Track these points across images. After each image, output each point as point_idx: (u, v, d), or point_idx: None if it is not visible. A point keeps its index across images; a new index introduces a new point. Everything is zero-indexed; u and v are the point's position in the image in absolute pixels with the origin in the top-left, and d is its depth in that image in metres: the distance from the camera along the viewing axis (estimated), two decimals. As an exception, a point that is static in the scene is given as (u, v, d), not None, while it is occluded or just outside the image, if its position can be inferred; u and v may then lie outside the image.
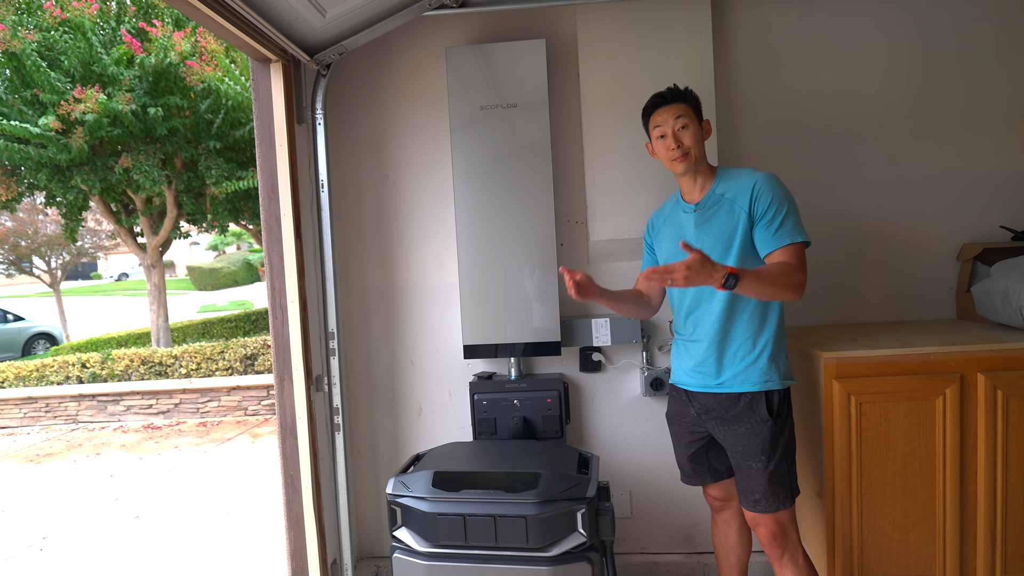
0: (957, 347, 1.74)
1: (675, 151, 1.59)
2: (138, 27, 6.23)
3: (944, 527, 1.76)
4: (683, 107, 1.61)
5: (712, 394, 1.63)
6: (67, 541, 3.18)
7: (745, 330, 1.58)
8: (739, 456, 1.61)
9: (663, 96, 1.63)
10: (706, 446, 1.74)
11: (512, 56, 2.14)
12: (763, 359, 1.58)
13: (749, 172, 1.59)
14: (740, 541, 1.80)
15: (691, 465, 1.77)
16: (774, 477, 1.57)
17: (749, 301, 1.57)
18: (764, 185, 1.53)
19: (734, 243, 1.56)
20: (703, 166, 1.63)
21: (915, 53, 2.16)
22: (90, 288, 26.41)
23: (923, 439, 1.75)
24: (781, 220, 1.52)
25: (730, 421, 1.60)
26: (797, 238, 1.51)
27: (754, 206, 1.54)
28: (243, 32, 1.77)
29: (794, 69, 2.20)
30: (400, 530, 1.73)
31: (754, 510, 1.60)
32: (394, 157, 2.34)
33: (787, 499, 1.59)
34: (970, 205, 2.17)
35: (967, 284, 2.13)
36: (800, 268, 1.49)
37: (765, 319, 1.59)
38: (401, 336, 2.37)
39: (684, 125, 1.60)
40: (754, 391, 1.57)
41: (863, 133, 2.19)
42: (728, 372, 1.60)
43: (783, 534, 1.60)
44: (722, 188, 1.61)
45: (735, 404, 1.59)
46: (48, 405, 6.23)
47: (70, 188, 6.60)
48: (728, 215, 1.58)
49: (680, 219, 1.68)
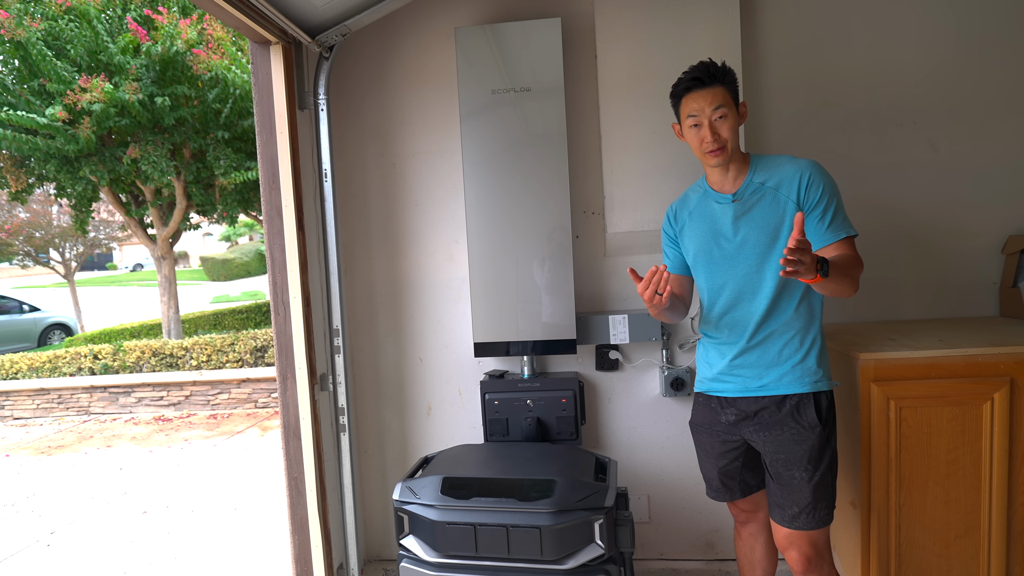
0: (1007, 348, 1.61)
1: (710, 143, 1.43)
2: (144, 15, 6.14)
3: (989, 541, 1.64)
4: (721, 92, 1.43)
5: (752, 398, 1.48)
6: (74, 537, 3.15)
7: (790, 328, 1.45)
8: (780, 465, 1.46)
9: (699, 78, 1.43)
10: (741, 459, 1.57)
11: (525, 37, 2.01)
12: (811, 358, 1.45)
13: (789, 159, 1.46)
14: (767, 555, 1.66)
15: (721, 479, 1.61)
16: (819, 490, 1.43)
17: (794, 296, 1.45)
18: (815, 174, 1.41)
19: (780, 235, 1.42)
20: (738, 154, 1.49)
21: (959, 30, 2.00)
22: (105, 279, 26.71)
23: (968, 447, 1.62)
24: (834, 212, 1.41)
25: (772, 427, 1.46)
26: (851, 231, 1.42)
27: (804, 196, 1.41)
28: (240, 11, 1.66)
29: (827, 48, 2.05)
30: (407, 538, 1.65)
31: (790, 526, 1.45)
32: (401, 145, 2.23)
33: (827, 516, 1.45)
34: (1017, 194, 2.02)
35: (1012, 279, 1.99)
36: (860, 262, 1.40)
37: (812, 315, 1.47)
38: (409, 333, 2.28)
39: (723, 115, 1.42)
40: (802, 392, 1.44)
41: (901, 117, 2.04)
42: (773, 374, 1.46)
43: (818, 558, 1.46)
44: (761, 176, 1.46)
45: (780, 408, 1.45)
46: (60, 397, 6.25)
47: (79, 179, 6.56)
48: (772, 205, 1.44)
49: (713, 210, 1.52)
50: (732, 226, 1.47)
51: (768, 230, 1.43)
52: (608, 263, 2.16)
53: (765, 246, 1.44)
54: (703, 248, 1.53)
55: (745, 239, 1.46)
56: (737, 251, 1.47)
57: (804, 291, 1.45)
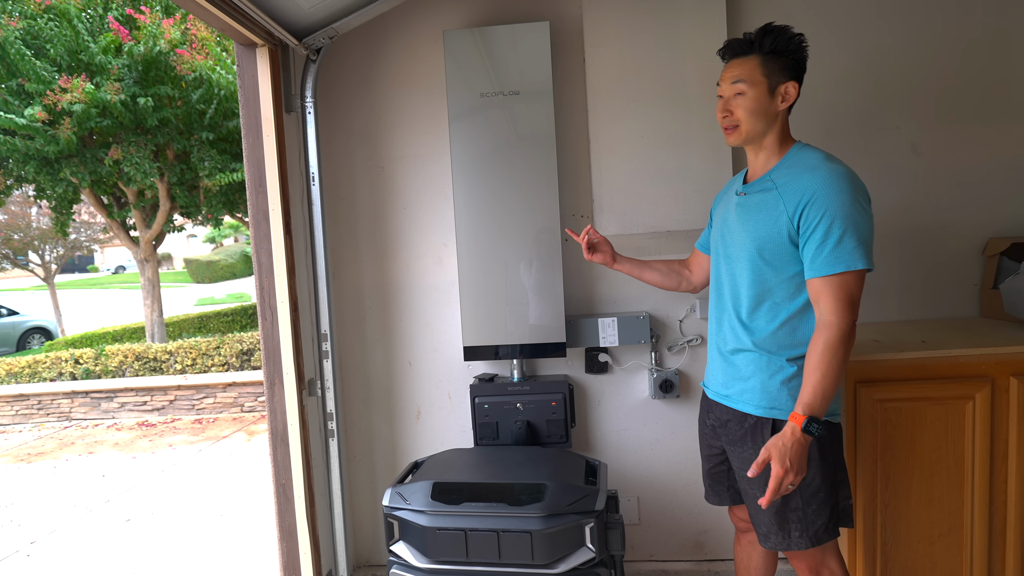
0: (988, 349, 1.64)
1: (722, 121, 1.34)
2: (126, 14, 6.05)
3: (972, 539, 1.67)
4: (751, 65, 1.29)
5: (723, 406, 1.43)
6: (55, 546, 3.09)
7: (765, 345, 1.34)
8: (745, 483, 1.39)
9: (726, 47, 1.34)
10: (725, 464, 1.52)
11: (514, 40, 2.01)
12: (776, 381, 1.33)
13: (813, 166, 1.26)
14: (764, 564, 1.63)
15: (708, 480, 1.59)
16: (783, 512, 1.32)
17: (776, 316, 1.33)
18: (820, 195, 1.22)
19: (766, 246, 1.30)
20: (769, 140, 1.34)
21: (941, 37, 2.04)
22: (86, 281, 26.25)
23: (951, 447, 1.65)
24: (837, 240, 1.21)
25: (736, 442, 1.39)
26: (853, 264, 1.20)
27: (799, 215, 1.25)
28: (225, 14, 1.64)
29: (813, 54, 2.03)
30: (397, 544, 1.64)
31: (764, 545, 1.38)
32: (389, 148, 2.21)
33: (802, 540, 1.32)
34: (997, 197, 2.06)
35: (993, 281, 2.02)
36: (840, 311, 1.21)
37: (794, 341, 1.33)
38: (398, 337, 2.27)
39: (740, 92, 1.30)
40: (759, 416, 1.35)
41: (884, 121, 2.07)
42: (737, 387, 1.39)
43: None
44: (779, 174, 1.31)
45: (741, 424, 1.38)
46: (41, 402, 6.12)
47: (59, 181, 6.44)
48: (770, 211, 1.30)
49: (730, 200, 1.43)
50: (734, 220, 1.39)
51: (756, 236, 1.32)
52: (597, 266, 2.16)
53: (748, 252, 1.34)
54: (715, 236, 1.49)
55: (737, 238, 1.38)
56: (732, 248, 1.40)
57: (791, 315, 1.32)
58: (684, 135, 2.02)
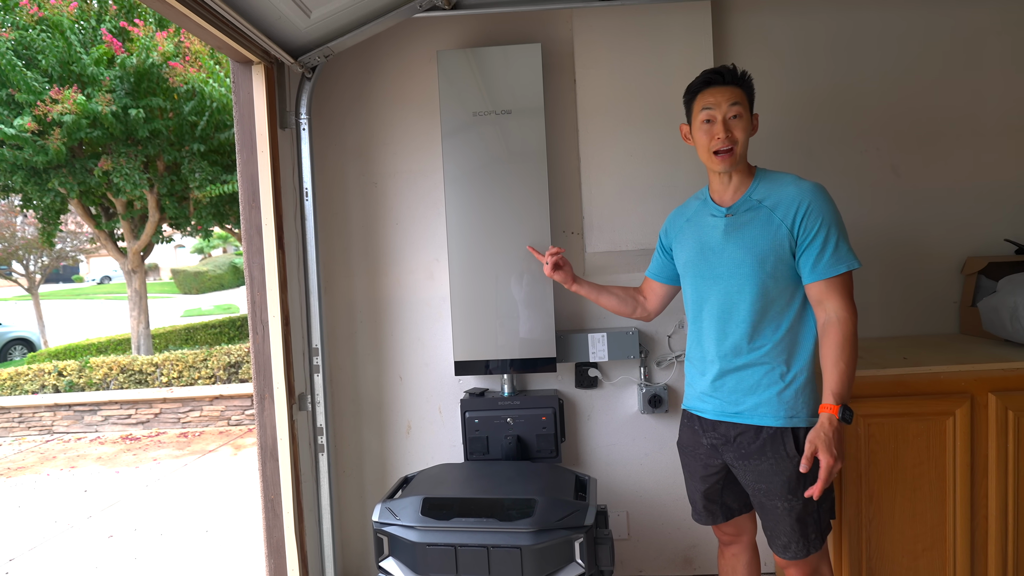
0: (967, 366, 1.69)
1: (721, 141, 1.38)
2: (119, 26, 6.06)
3: (955, 553, 1.70)
4: (739, 93, 1.40)
5: (731, 424, 1.44)
6: (35, 564, 3.03)
7: (771, 357, 1.39)
8: (762, 495, 1.41)
9: (720, 73, 1.40)
10: (722, 482, 1.54)
11: (506, 60, 2.06)
12: (790, 391, 1.38)
13: (794, 180, 1.40)
14: (748, 574, 1.66)
15: (704, 502, 1.57)
16: (803, 518, 1.39)
17: (780, 326, 1.40)
18: (815, 203, 1.35)
19: (768, 259, 1.37)
20: (742, 165, 1.44)
21: (919, 62, 2.11)
22: (71, 291, 25.88)
23: (932, 462, 1.68)
24: (835, 244, 1.34)
25: (751, 455, 1.41)
26: (852, 264, 1.35)
27: (800, 226, 1.35)
28: (222, 32, 1.67)
29: (795, 77, 2.14)
30: (387, 560, 1.63)
31: (784, 556, 1.42)
32: (382, 164, 2.24)
33: (818, 541, 1.41)
34: (974, 217, 2.13)
35: (971, 298, 2.08)
36: (848, 307, 1.34)
37: (799, 348, 1.40)
38: (389, 351, 2.27)
39: (737, 114, 1.39)
40: (778, 426, 1.38)
41: (865, 143, 2.13)
42: (749, 401, 1.41)
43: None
44: (760, 193, 1.41)
45: (757, 436, 1.40)
46: (22, 415, 6.01)
47: (47, 191, 6.39)
48: (765, 226, 1.38)
49: (706, 224, 1.48)
50: (721, 241, 1.43)
51: (756, 251, 1.38)
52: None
53: (750, 267, 1.39)
54: (692, 259, 1.50)
55: (731, 256, 1.41)
56: (722, 267, 1.43)
57: (792, 322, 1.40)
58: (672, 155, 2.07)
